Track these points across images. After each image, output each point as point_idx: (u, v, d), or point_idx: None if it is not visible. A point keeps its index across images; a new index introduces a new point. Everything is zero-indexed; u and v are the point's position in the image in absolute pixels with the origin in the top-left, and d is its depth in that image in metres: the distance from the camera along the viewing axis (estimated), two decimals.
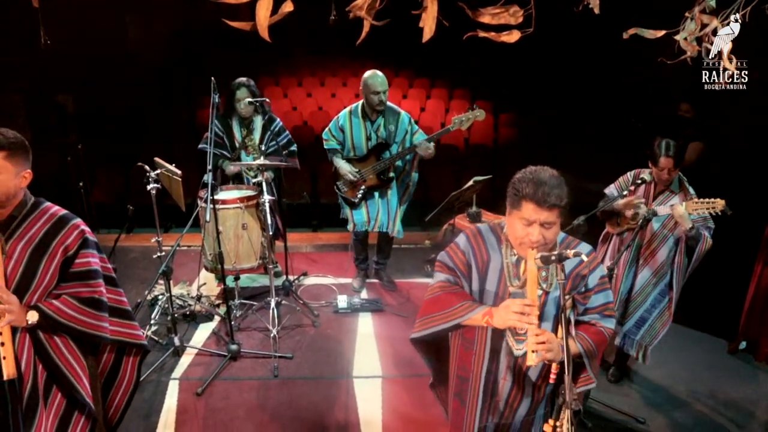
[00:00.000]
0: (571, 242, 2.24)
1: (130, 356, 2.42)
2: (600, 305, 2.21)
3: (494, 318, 2.07)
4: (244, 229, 4.01)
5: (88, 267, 2.15)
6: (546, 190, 1.94)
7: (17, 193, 2.07)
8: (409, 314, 4.63)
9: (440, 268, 2.28)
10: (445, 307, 2.18)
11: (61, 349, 2.14)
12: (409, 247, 5.88)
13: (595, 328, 2.21)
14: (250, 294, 4.81)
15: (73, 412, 2.20)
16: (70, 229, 2.12)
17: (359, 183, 4.52)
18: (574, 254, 1.96)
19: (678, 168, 3.39)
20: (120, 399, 2.44)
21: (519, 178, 2.04)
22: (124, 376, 2.42)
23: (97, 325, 2.17)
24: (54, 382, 2.15)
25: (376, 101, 4.32)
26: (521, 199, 1.99)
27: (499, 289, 2.18)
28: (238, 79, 4.41)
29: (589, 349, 2.17)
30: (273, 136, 4.52)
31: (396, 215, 4.66)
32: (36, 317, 2.02)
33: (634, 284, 3.64)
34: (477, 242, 2.23)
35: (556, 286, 2.15)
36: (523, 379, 2.24)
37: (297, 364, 3.96)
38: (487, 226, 2.30)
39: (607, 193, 3.69)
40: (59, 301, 2.09)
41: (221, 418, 3.44)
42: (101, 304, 2.18)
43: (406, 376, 3.87)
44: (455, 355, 2.36)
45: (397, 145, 4.47)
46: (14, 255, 2.03)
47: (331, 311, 4.68)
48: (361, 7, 1.68)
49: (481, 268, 2.20)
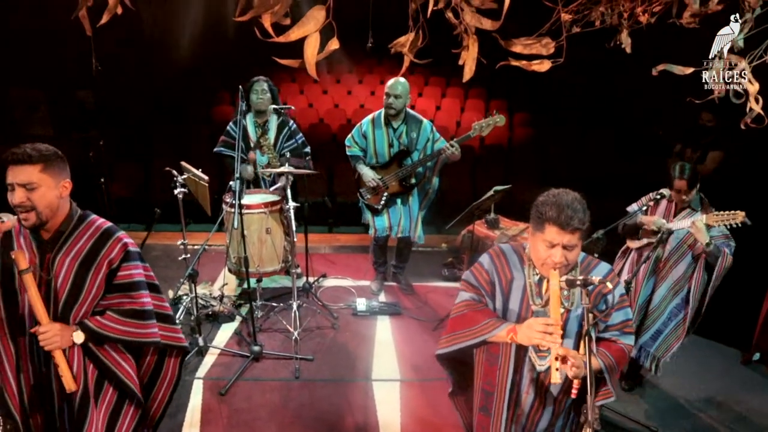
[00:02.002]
0: (591, 261, 2.31)
1: (172, 357, 2.51)
2: (620, 322, 2.28)
3: (518, 335, 2.15)
4: (267, 233, 4.10)
5: (130, 279, 2.24)
6: (569, 213, 2.01)
7: (61, 205, 2.12)
8: (427, 318, 4.71)
9: (465, 287, 2.37)
10: (471, 325, 2.27)
11: (109, 351, 2.25)
12: (426, 251, 5.95)
13: (615, 345, 2.27)
14: (270, 295, 4.91)
15: (123, 404, 2.33)
16: (114, 243, 2.20)
17: (382, 190, 4.59)
18: (600, 281, 2.03)
19: (692, 190, 3.45)
20: (164, 394, 2.54)
21: (542, 202, 2.10)
22: (165, 375, 2.51)
23: (143, 333, 2.26)
24: (104, 379, 2.26)
25: (385, 103, 4.41)
26: (544, 222, 2.06)
27: (521, 308, 2.26)
28: (256, 76, 4.47)
29: (609, 365, 2.24)
30: (288, 136, 4.59)
31: (417, 221, 4.75)
32: (82, 338, 2.12)
33: (652, 298, 3.69)
34: (500, 262, 2.31)
35: (577, 304, 2.23)
36: (544, 393, 2.32)
37: (317, 365, 4.05)
38: (510, 247, 2.38)
39: (629, 211, 3.74)
40: (104, 317, 2.18)
41: (244, 418, 3.53)
42: (144, 313, 2.27)
43: (424, 380, 3.95)
44: (480, 370, 2.44)
45: (418, 152, 4.53)
46: (63, 269, 2.11)
47: (349, 314, 4.77)
48: (404, 45, 1.74)
49: (505, 287, 2.28)
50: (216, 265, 5.42)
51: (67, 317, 2.12)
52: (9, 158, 2.01)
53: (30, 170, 2.01)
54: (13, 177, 2.01)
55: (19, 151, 2.01)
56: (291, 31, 1.67)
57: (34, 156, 2.02)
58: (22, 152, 2.01)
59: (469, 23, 1.70)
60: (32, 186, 2.01)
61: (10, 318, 2.10)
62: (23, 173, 2.00)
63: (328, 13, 1.67)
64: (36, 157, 2.02)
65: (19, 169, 2.00)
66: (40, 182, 2.03)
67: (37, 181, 2.02)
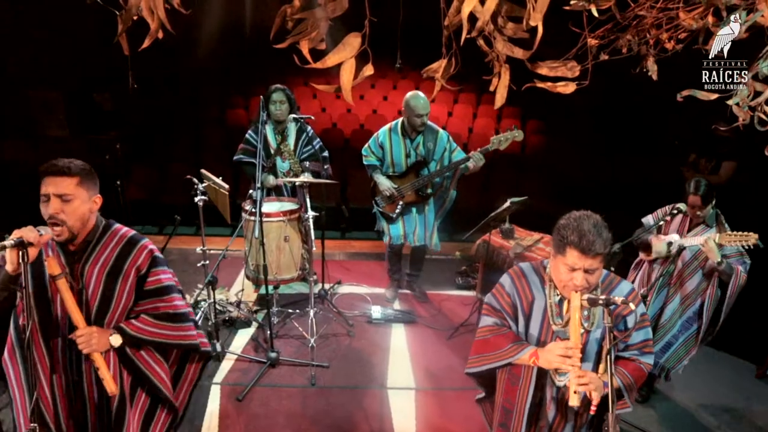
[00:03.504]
0: (613, 280, 2.34)
1: (194, 362, 2.55)
2: (640, 342, 2.31)
3: (540, 359, 2.20)
4: (286, 241, 4.15)
5: (160, 284, 2.29)
6: (590, 238, 2.03)
7: (90, 218, 2.18)
8: (441, 327, 4.75)
9: (488, 312, 2.43)
10: (495, 349, 2.33)
11: (143, 356, 2.30)
12: (440, 259, 5.98)
13: (634, 364, 2.31)
14: (286, 302, 4.96)
15: (156, 408, 2.39)
16: (140, 250, 2.25)
17: (397, 198, 4.64)
18: (622, 302, 2.06)
19: (706, 206, 3.47)
20: (185, 393, 2.57)
21: (563, 225, 2.12)
22: (186, 378, 2.55)
23: (178, 335, 2.32)
24: (138, 384, 2.32)
25: (418, 123, 4.44)
26: (566, 246, 2.09)
27: (542, 328, 2.30)
28: (274, 85, 4.52)
29: (628, 384, 2.28)
30: (307, 141, 4.63)
31: (433, 229, 4.79)
32: (119, 340, 2.16)
33: (663, 311, 3.72)
34: (521, 284, 2.36)
35: (597, 324, 2.27)
36: (565, 408, 2.36)
37: (333, 373, 4.10)
38: (530, 266, 2.41)
39: (644, 222, 3.77)
40: (138, 321, 2.23)
41: (262, 424, 3.58)
42: (177, 316, 2.32)
43: (438, 389, 3.98)
44: (501, 388, 2.49)
45: (435, 162, 4.57)
46: (92, 279, 2.17)
47: (364, 321, 4.82)
48: (437, 71, 1.79)
49: (526, 309, 2.33)
50: (232, 270, 5.48)
51: (100, 325, 2.18)
52: (48, 170, 2.06)
53: (67, 182, 2.06)
54: (50, 188, 2.05)
55: (59, 164, 2.06)
56: (327, 57, 1.71)
57: (73, 169, 2.08)
58: (61, 165, 2.06)
59: (501, 51, 1.74)
60: (68, 198, 2.06)
61: (44, 328, 2.15)
62: (61, 185, 2.06)
63: (364, 40, 1.72)
64: (74, 170, 2.08)
65: (57, 180, 2.06)
66: (76, 195, 2.08)
67: (73, 193, 2.07)
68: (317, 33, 1.73)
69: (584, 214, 2.12)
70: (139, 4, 1.81)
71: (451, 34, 1.74)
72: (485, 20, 1.65)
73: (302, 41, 1.70)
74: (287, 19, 1.85)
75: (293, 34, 1.74)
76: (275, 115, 4.46)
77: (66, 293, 2.06)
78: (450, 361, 4.29)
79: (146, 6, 1.81)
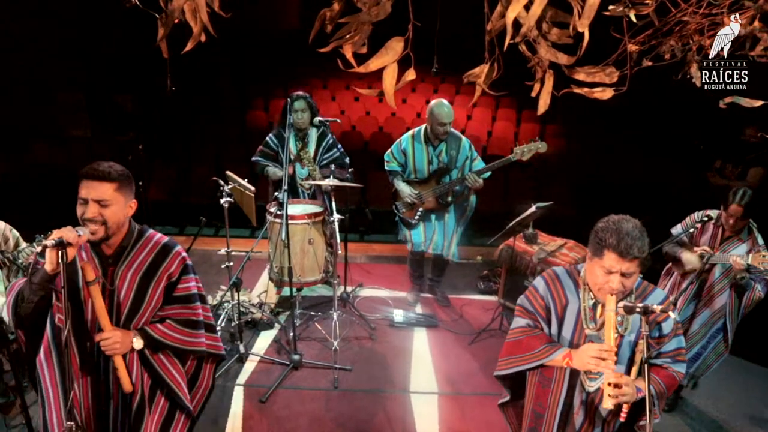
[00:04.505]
0: (647, 287, 2.32)
1: (208, 363, 2.60)
2: (673, 350, 2.29)
3: (574, 360, 2.20)
4: (310, 244, 4.16)
5: (188, 291, 2.34)
6: (629, 242, 2.03)
7: (125, 223, 2.21)
8: (463, 332, 4.73)
9: (520, 313, 2.42)
10: (528, 350, 2.32)
11: (163, 360, 2.34)
12: (461, 263, 5.96)
13: (666, 371, 2.29)
14: (309, 304, 4.98)
15: (174, 413, 2.42)
16: (174, 257, 2.29)
17: (417, 205, 4.63)
18: (661, 310, 2.04)
19: (747, 219, 3.39)
20: (198, 401, 2.61)
21: (602, 228, 2.11)
22: (202, 381, 2.59)
23: (194, 342, 2.37)
24: (157, 387, 2.35)
25: (441, 131, 4.44)
26: (603, 249, 2.08)
27: (575, 331, 2.29)
28: (295, 92, 4.54)
29: (660, 391, 2.26)
30: (327, 149, 4.64)
31: (453, 238, 4.78)
32: (141, 343, 2.21)
33: (692, 322, 3.67)
34: (555, 287, 2.34)
35: (630, 329, 2.25)
36: (594, 414, 2.34)
37: (356, 376, 4.10)
38: (565, 270, 2.40)
39: (673, 232, 3.71)
40: (163, 325, 2.28)
41: (285, 426, 3.59)
42: (197, 323, 2.38)
43: (461, 394, 3.97)
44: (532, 391, 2.47)
45: (457, 170, 4.56)
46: (125, 282, 2.20)
47: (386, 324, 4.81)
48: (479, 76, 1.78)
49: (560, 312, 2.32)
50: (254, 272, 5.51)
51: (128, 326, 2.22)
52: (88, 173, 2.08)
53: (106, 187, 2.09)
54: (89, 192, 2.07)
55: (99, 168, 2.08)
56: (370, 62, 1.71)
57: (113, 174, 2.10)
58: (101, 169, 2.08)
59: (544, 57, 1.73)
60: (106, 203, 2.08)
61: (76, 328, 2.18)
62: (99, 189, 2.08)
63: (407, 44, 1.71)
64: (114, 175, 2.10)
65: (96, 185, 2.08)
66: (113, 200, 2.11)
67: (111, 198, 2.10)
68: (360, 37, 1.73)
69: (624, 218, 2.11)
70: (182, 8, 1.82)
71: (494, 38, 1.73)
72: (530, 25, 1.63)
73: (346, 45, 1.70)
74: (326, 23, 1.85)
75: (336, 38, 1.74)
76: (296, 123, 4.48)
77: (97, 299, 2.09)
78: (472, 366, 4.27)
79: (189, 9, 1.82)
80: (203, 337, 2.41)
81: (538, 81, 1.76)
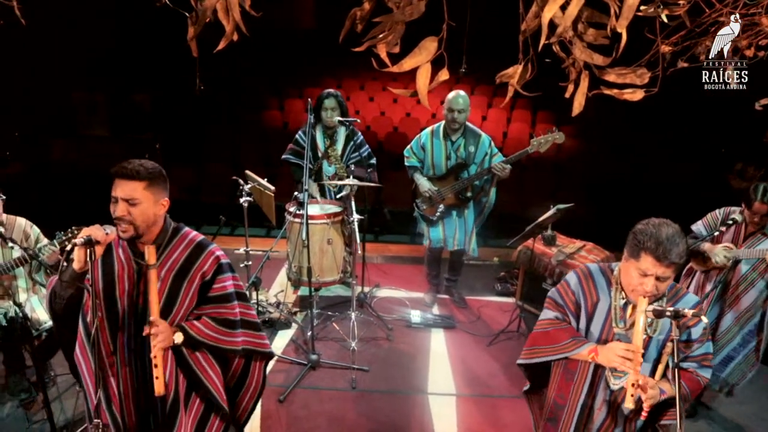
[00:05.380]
0: (679, 291, 2.31)
1: (257, 362, 2.56)
2: (700, 355, 2.28)
3: (599, 356, 2.20)
4: (329, 244, 4.16)
5: (224, 291, 2.30)
6: (667, 246, 2.01)
7: (157, 221, 2.19)
8: (481, 333, 4.71)
9: (550, 305, 2.42)
10: (554, 342, 2.34)
11: (199, 359, 2.31)
12: (477, 264, 5.94)
13: (692, 375, 2.28)
14: (325, 304, 4.97)
15: (209, 414, 2.40)
16: (207, 256, 2.26)
17: (438, 201, 4.61)
18: (693, 314, 2.02)
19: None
20: (248, 401, 2.58)
21: (641, 230, 2.09)
22: (252, 380, 2.56)
23: (230, 341, 2.33)
24: (193, 388, 2.33)
25: (449, 118, 4.44)
26: (641, 251, 2.06)
27: (603, 329, 2.28)
28: (326, 90, 4.54)
29: (683, 394, 2.25)
30: (355, 148, 4.63)
31: (472, 234, 4.76)
32: (181, 338, 2.18)
33: (719, 325, 3.62)
34: (588, 283, 2.34)
35: (659, 330, 2.24)
36: (616, 412, 2.34)
37: (373, 377, 4.09)
38: (598, 267, 2.39)
39: (694, 230, 3.67)
40: (200, 323, 2.25)
41: (303, 426, 3.58)
42: (235, 323, 2.33)
43: (479, 396, 3.95)
44: (555, 383, 2.48)
45: (476, 165, 4.54)
46: (158, 280, 2.18)
47: (403, 325, 4.80)
48: (512, 76, 1.76)
49: (590, 309, 2.31)
50: (270, 271, 5.52)
51: None
52: (118, 172, 2.08)
53: (135, 186, 2.08)
54: (119, 191, 2.08)
55: (128, 167, 2.08)
56: (404, 61, 1.70)
57: (141, 173, 2.09)
58: (130, 168, 2.08)
59: (579, 58, 1.71)
60: (134, 202, 2.08)
61: (111, 323, 2.18)
62: (128, 188, 2.07)
63: (440, 44, 1.70)
64: (143, 174, 2.09)
65: (125, 183, 2.07)
66: (142, 199, 2.09)
67: (140, 197, 2.09)
68: (393, 36, 1.72)
69: (663, 222, 2.10)
70: (215, 6, 1.82)
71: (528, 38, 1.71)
72: (566, 26, 1.62)
73: (379, 44, 1.69)
74: (357, 23, 1.84)
75: (369, 38, 1.73)
76: (326, 121, 4.47)
77: (153, 284, 2.10)
78: (491, 368, 4.25)
79: (221, 8, 1.82)
80: (240, 336, 2.37)
81: (572, 82, 1.74)
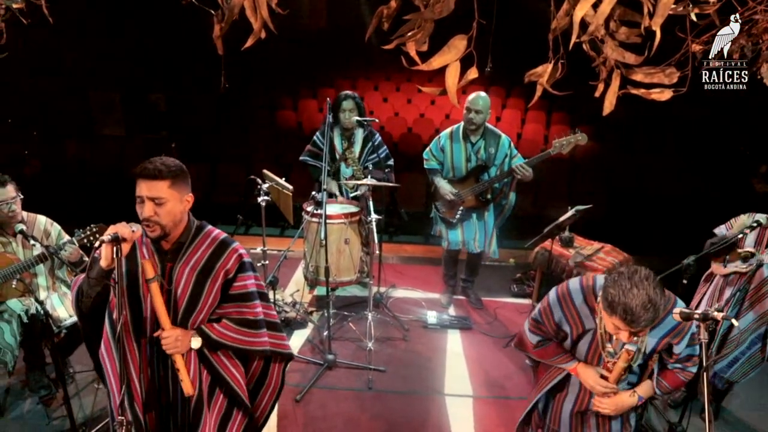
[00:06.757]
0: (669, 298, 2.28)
1: (276, 363, 2.56)
2: (685, 356, 2.34)
3: (580, 375, 2.39)
4: (346, 244, 4.15)
5: (245, 290, 2.30)
6: (637, 314, 1.94)
7: (183, 218, 2.20)
8: (497, 335, 4.69)
9: (534, 329, 2.51)
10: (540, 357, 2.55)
11: (221, 358, 2.32)
12: (494, 265, 5.91)
13: (674, 374, 2.39)
14: (341, 304, 4.97)
15: (232, 410, 2.41)
16: (230, 254, 2.25)
17: (458, 203, 4.59)
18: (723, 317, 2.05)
19: None
20: (267, 402, 2.59)
21: (611, 292, 1.99)
22: (270, 382, 2.56)
23: (253, 341, 2.33)
24: (216, 385, 2.34)
25: (466, 117, 4.42)
26: (612, 312, 2.01)
27: (589, 351, 2.37)
28: (344, 92, 4.53)
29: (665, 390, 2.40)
30: (372, 150, 4.62)
31: (493, 236, 4.74)
32: (199, 343, 2.19)
33: (734, 327, 3.57)
34: (570, 312, 2.34)
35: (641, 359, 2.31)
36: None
37: (390, 377, 4.07)
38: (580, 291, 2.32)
39: (716, 233, 3.62)
40: (220, 325, 2.25)
41: (320, 426, 3.57)
42: (257, 323, 2.33)
43: (496, 398, 3.92)
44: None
45: (496, 167, 4.51)
46: (182, 279, 2.19)
47: (420, 326, 4.78)
48: (541, 75, 1.74)
49: (574, 335, 2.37)
50: (286, 270, 5.52)
51: (185, 324, 2.20)
52: (141, 172, 2.08)
53: (160, 185, 2.08)
54: (144, 191, 2.08)
55: (151, 167, 2.08)
56: (433, 59, 1.69)
57: (164, 172, 2.09)
58: (153, 167, 2.08)
59: (611, 56, 1.69)
60: (161, 201, 2.08)
61: (135, 324, 2.19)
62: (153, 188, 2.08)
63: (470, 42, 1.69)
64: (166, 172, 2.09)
65: (150, 183, 2.08)
66: (169, 197, 2.10)
67: (166, 196, 2.09)
68: (422, 34, 1.71)
69: (635, 283, 1.96)
70: (242, 4, 1.82)
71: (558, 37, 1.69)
72: (598, 24, 1.60)
73: (409, 42, 1.68)
74: (383, 21, 1.83)
75: (398, 35, 1.72)
76: (344, 122, 4.47)
77: (157, 296, 2.09)
78: (507, 370, 4.23)
79: (249, 5, 1.82)
80: (265, 336, 2.37)
81: (602, 81, 1.72)
